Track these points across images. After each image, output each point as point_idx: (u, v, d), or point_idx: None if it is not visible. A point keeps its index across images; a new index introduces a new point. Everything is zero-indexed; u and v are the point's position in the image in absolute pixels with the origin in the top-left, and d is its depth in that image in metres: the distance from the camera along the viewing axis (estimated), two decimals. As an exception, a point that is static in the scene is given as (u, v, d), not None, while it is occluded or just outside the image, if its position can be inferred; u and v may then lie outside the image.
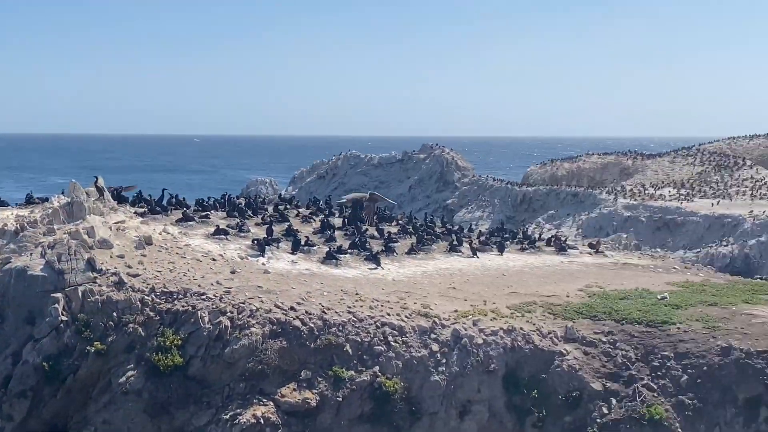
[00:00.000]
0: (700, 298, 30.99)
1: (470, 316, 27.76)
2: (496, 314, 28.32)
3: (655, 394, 25.58)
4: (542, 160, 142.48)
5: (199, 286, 28.02)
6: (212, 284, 28.33)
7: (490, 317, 27.94)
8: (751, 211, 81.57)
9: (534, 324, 27.88)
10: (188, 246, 33.78)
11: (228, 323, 26.06)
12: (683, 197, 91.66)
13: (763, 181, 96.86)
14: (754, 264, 76.15)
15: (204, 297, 27.18)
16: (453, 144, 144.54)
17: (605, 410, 25.45)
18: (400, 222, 46.39)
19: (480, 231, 50.25)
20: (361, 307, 27.74)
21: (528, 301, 30.33)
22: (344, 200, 47.16)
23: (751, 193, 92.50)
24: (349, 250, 36.46)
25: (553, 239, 46.09)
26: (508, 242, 43.42)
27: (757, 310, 29.28)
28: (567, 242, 46.27)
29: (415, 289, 31.17)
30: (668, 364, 26.19)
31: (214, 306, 26.66)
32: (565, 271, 37.72)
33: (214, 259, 32.20)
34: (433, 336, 26.67)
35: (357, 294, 29.11)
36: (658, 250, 78.48)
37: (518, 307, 29.40)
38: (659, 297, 30.79)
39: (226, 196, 45.90)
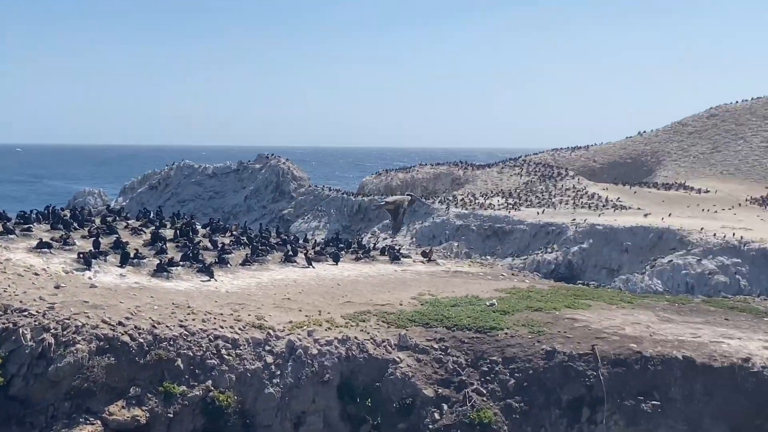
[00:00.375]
0: (526, 303, 32.14)
1: (305, 327, 27.70)
2: (331, 324, 28.37)
3: (485, 399, 26.29)
4: (377, 170, 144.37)
5: (20, 302, 26.66)
6: (35, 300, 27.03)
7: (325, 327, 27.97)
8: (574, 219, 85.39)
9: (368, 333, 28.10)
10: (9, 260, 32.15)
11: (52, 340, 24.93)
12: (511, 206, 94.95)
13: (584, 191, 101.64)
14: (577, 270, 79.88)
15: (26, 313, 25.87)
16: (288, 154, 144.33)
17: (437, 416, 25.96)
18: (234, 233, 45.83)
19: (316, 241, 50.31)
20: (194, 320, 27.16)
21: (362, 310, 30.56)
22: (384, 203, 44.87)
23: (573, 202, 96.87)
24: (181, 263, 35.71)
25: (387, 248, 46.71)
26: (343, 252, 43.69)
27: (579, 314, 30.66)
28: (401, 251, 47.01)
29: (249, 301, 30.83)
30: (496, 368, 26.98)
31: (36, 323, 25.43)
32: (398, 279, 38.28)
33: (36, 274, 30.77)
34: (267, 348, 26.45)
35: (189, 307, 28.50)
36: (488, 257, 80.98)
37: (353, 316, 29.57)
38: (488, 303, 31.72)
39: (50, 208, 44.00)
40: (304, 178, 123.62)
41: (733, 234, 76.06)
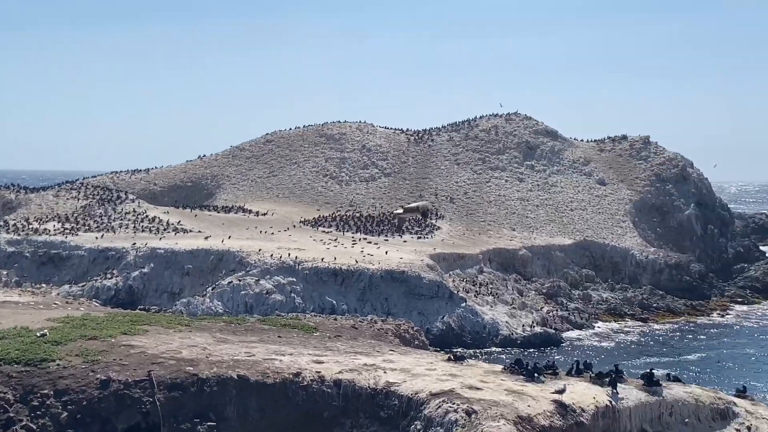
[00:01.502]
0: (81, 332, 31.02)
1: None
2: None
3: (34, 435, 24.86)
4: None
5: None
6: None
7: None
8: (134, 244, 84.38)
9: None
10: None
11: None
12: (68, 231, 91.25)
13: (145, 215, 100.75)
14: (138, 294, 78.97)
15: None
16: None
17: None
18: None
19: None
20: None
21: None
22: (414, 205, 36.89)
23: (134, 226, 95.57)
24: None
25: None
26: None
27: (136, 340, 30.25)
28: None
29: None
30: (48, 402, 25.70)
31: None
32: (-65, 314, 34.84)
33: None
34: None
35: None
36: (43, 285, 76.98)
37: None
38: (39, 334, 30.14)
39: None
40: None
41: (289, 254, 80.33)
